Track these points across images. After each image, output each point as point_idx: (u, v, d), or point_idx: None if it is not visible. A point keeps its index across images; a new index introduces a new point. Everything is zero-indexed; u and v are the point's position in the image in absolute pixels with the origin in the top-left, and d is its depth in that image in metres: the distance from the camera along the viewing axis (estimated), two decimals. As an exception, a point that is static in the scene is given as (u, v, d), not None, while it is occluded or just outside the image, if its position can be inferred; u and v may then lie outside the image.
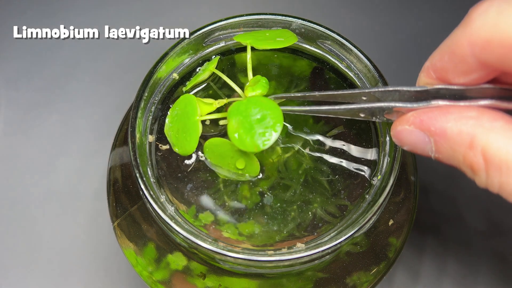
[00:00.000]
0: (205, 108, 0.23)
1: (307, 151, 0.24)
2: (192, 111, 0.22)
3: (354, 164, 0.23)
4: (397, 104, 0.18)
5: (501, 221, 0.31)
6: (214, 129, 0.24)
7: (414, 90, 0.18)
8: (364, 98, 0.20)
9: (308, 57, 0.26)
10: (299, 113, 0.22)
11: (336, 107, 0.20)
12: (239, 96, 0.23)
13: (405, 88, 0.18)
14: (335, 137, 0.24)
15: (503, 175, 0.15)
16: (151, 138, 0.23)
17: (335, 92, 0.21)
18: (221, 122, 0.23)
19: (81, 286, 0.30)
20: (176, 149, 0.23)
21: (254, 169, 0.22)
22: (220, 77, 0.24)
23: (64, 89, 0.35)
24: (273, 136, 0.20)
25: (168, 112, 0.24)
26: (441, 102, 0.17)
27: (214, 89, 0.24)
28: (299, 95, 0.22)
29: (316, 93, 0.21)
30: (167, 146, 0.23)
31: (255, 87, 0.22)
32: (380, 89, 0.19)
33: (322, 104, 0.20)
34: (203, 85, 0.25)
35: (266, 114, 0.21)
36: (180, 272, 0.23)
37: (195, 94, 0.25)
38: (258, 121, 0.21)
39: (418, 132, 0.17)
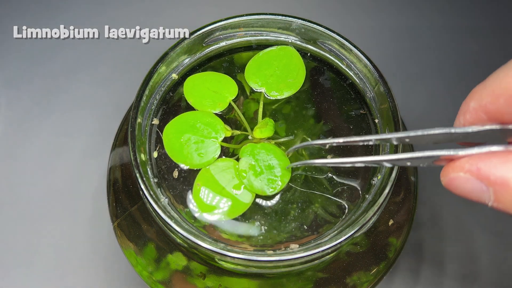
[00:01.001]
0: (226, 132, 0.23)
1: (306, 151, 0.24)
2: (216, 133, 0.23)
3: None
4: (447, 153, 0.16)
5: (501, 222, 0.31)
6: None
7: (464, 132, 0.16)
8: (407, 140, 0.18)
9: (308, 57, 0.26)
10: (335, 165, 0.21)
11: (381, 157, 0.18)
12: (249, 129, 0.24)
13: (453, 130, 0.16)
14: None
15: None
16: (156, 121, 0.24)
17: (368, 138, 0.19)
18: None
19: (81, 286, 0.30)
20: (180, 162, 0.23)
21: (247, 197, 0.22)
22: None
23: (64, 89, 0.35)
24: (279, 185, 0.22)
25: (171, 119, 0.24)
26: (494, 148, 0.16)
27: (240, 122, 0.24)
28: (327, 142, 0.20)
29: (341, 140, 0.19)
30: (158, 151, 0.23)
31: (263, 131, 0.23)
32: (425, 133, 0.17)
33: (359, 155, 0.19)
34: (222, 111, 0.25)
35: (278, 163, 0.22)
36: (180, 272, 0.23)
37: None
38: (268, 167, 0.22)
39: (474, 180, 0.16)
